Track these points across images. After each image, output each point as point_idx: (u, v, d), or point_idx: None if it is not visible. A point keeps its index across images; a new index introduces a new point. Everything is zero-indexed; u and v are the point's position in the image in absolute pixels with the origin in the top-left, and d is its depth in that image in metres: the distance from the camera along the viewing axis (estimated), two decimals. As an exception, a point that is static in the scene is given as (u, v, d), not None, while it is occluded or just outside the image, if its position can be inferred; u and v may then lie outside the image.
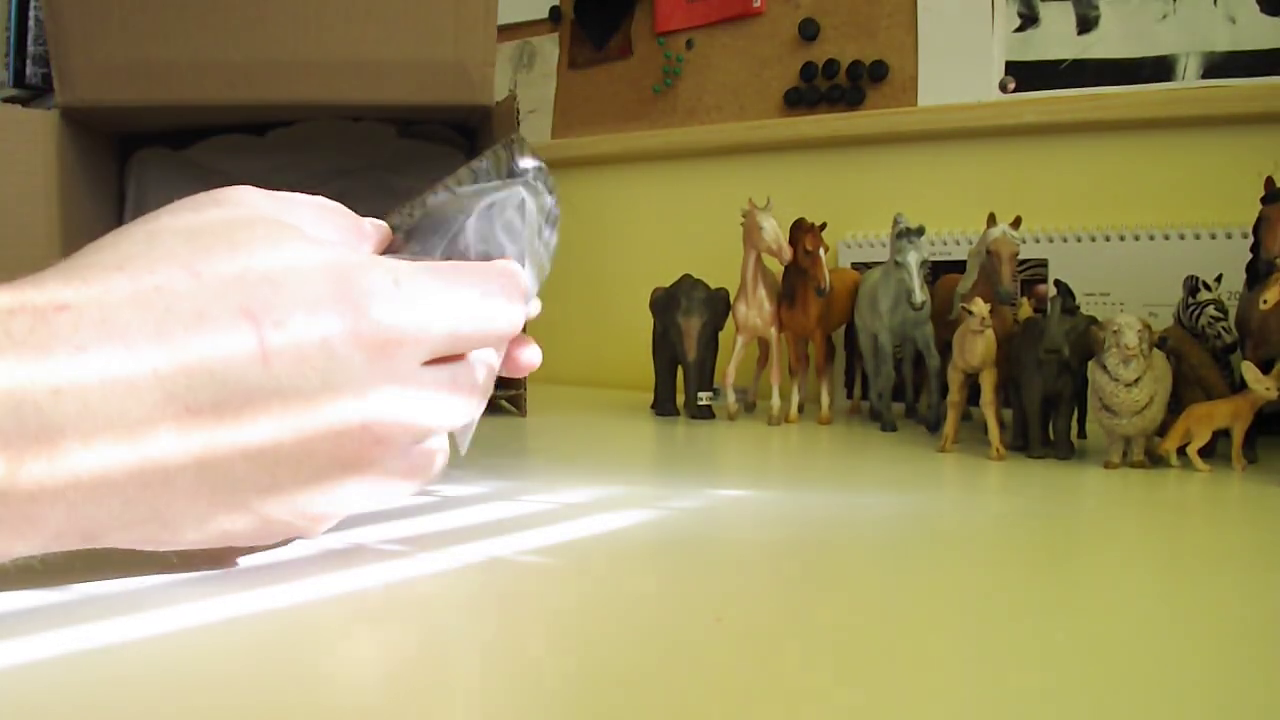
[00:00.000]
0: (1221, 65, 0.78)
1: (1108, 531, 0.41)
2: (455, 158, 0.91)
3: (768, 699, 0.22)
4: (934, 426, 0.70)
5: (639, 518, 0.40)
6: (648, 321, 0.81)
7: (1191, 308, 0.59)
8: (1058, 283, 0.60)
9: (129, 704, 0.21)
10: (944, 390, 0.64)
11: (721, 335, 0.77)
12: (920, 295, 0.64)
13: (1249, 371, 0.53)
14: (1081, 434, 0.65)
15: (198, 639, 0.25)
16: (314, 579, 0.31)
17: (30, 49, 1.19)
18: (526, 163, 0.36)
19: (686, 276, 0.77)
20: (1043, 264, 0.82)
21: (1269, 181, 0.58)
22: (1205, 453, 0.54)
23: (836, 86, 0.93)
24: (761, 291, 0.74)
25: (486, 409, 0.35)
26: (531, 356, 0.38)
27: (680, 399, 0.80)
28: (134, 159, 0.84)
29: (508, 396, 0.79)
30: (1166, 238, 0.78)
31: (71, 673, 0.23)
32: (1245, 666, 0.25)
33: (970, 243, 0.82)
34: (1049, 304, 0.56)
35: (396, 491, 0.32)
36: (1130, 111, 0.81)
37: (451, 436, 0.36)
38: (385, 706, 0.21)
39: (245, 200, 0.30)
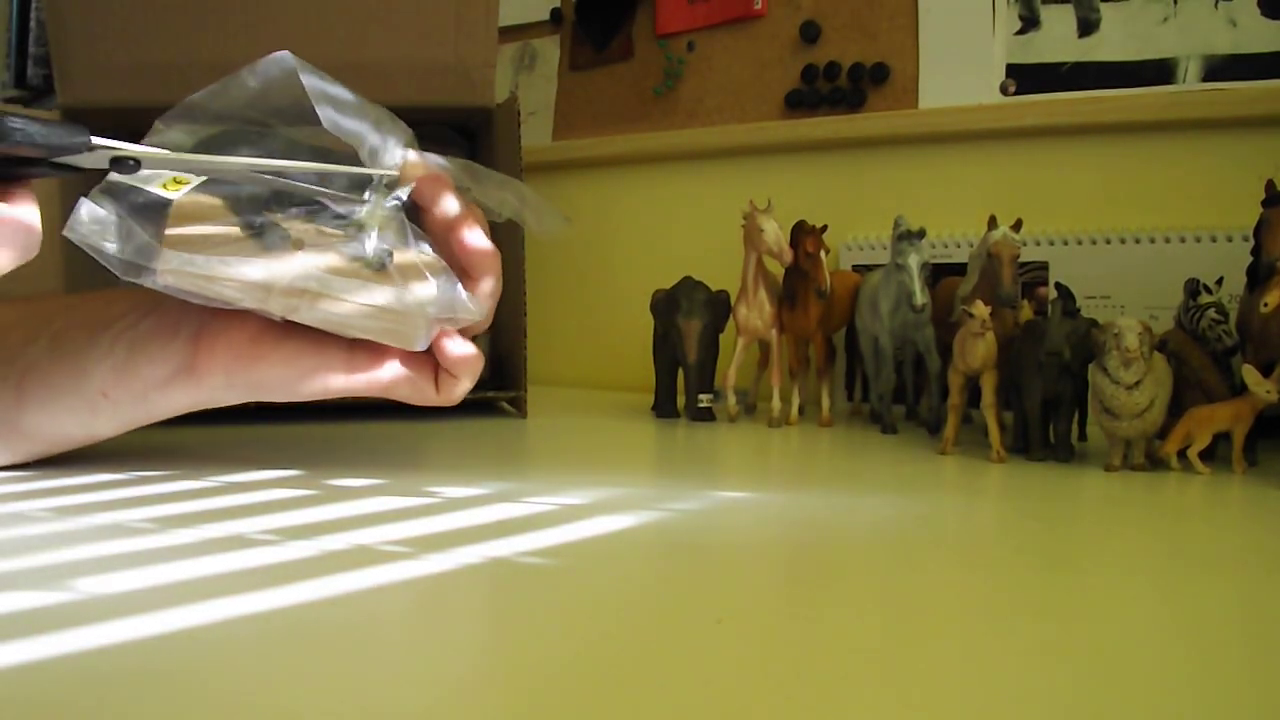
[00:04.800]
0: (1222, 68, 0.78)
1: (1108, 534, 0.41)
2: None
3: (768, 701, 0.22)
4: (934, 429, 0.70)
5: (639, 519, 0.40)
6: (648, 323, 0.81)
7: (1192, 310, 0.59)
8: (1058, 285, 0.60)
9: (129, 704, 0.21)
10: (944, 393, 0.64)
11: (722, 337, 0.77)
12: (921, 298, 0.64)
13: (1250, 374, 0.53)
14: (1082, 436, 0.65)
15: (198, 639, 0.25)
16: (315, 580, 0.31)
17: (31, 50, 1.19)
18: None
19: (687, 278, 0.77)
20: (1043, 266, 0.82)
21: (1270, 184, 0.59)
22: (1205, 456, 0.54)
23: (837, 89, 0.93)
24: (762, 294, 0.74)
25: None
26: None
27: (681, 401, 0.80)
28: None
29: (508, 398, 0.79)
30: (1167, 240, 0.78)
31: (72, 673, 0.23)
32: (1245, 669, 0.25)
33: (971, 245, 0.82)
34: (1050, 306, 0.56)
35: None
36: (1131, 114, 0.81)
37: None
38: (386, 707, 0.21)
39: None
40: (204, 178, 0.41)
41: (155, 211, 0.40)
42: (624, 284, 1.05)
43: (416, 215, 0.45)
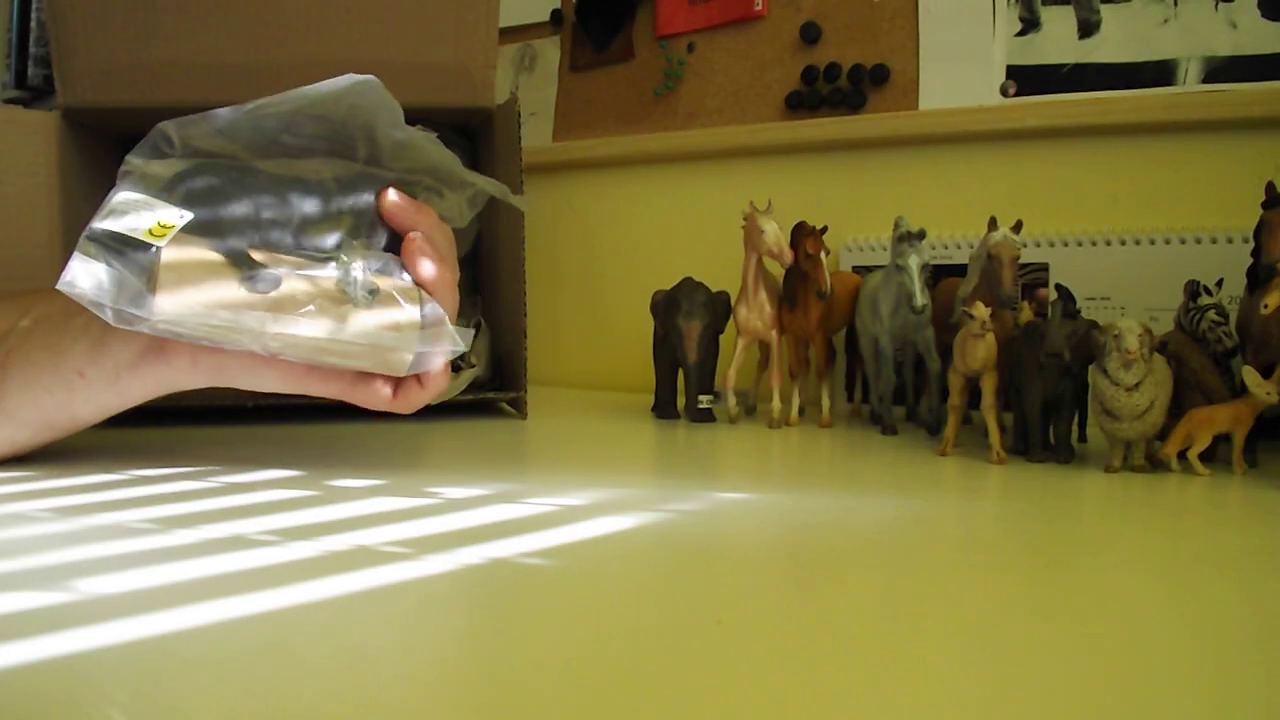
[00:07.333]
0: (1222, 70, 0.78)
1: (1108, 535, 0.41)
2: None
3: (768, 700, 0.22)
4: (934, 430, 0.70)
5: (640, 520, 0.40)
6: (648, 324, 0.81)
7: (1192, 312, 0.59)
8: (1059, 287, 0.60)
9: (129, 705, 0.21)
10: (945, 394, 0.64)
11: (722, 338, 0.77)
12: (921, 299, 0.64)
13: (1249, 376, 0.53)
14: (1082, 438, 0.65)
15: (199, 639, 0.25)
16: (316, 580, 0.31)
17: (32, 50, 1.19)
18: None
19: (687, 279, 0.77)
20: (1044, 268, 0.82)
21: (1270, 186, 0.59)
22: (1205, 457, 0.54)
23: (838, 90, 0.93)
24: (762, 294, 0.74)
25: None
26: None
27: (681, 402, 0.80)
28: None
29: (508, 399, 0.79)
30: (1168, 242, 0.78)
31: (72, 673, 0.23)
32: (1245, 670, 0.25)
33: (971, 246, 0.82)
34: (1050, 308, 0.56)
35: None
36: (1131, 116, 0.81)
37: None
38: (386, 707, 0.21)
39: None
40: (190, 217, 0.42)
41: (144, 259, 0.41)
42: (624, 284, 1.05)
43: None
